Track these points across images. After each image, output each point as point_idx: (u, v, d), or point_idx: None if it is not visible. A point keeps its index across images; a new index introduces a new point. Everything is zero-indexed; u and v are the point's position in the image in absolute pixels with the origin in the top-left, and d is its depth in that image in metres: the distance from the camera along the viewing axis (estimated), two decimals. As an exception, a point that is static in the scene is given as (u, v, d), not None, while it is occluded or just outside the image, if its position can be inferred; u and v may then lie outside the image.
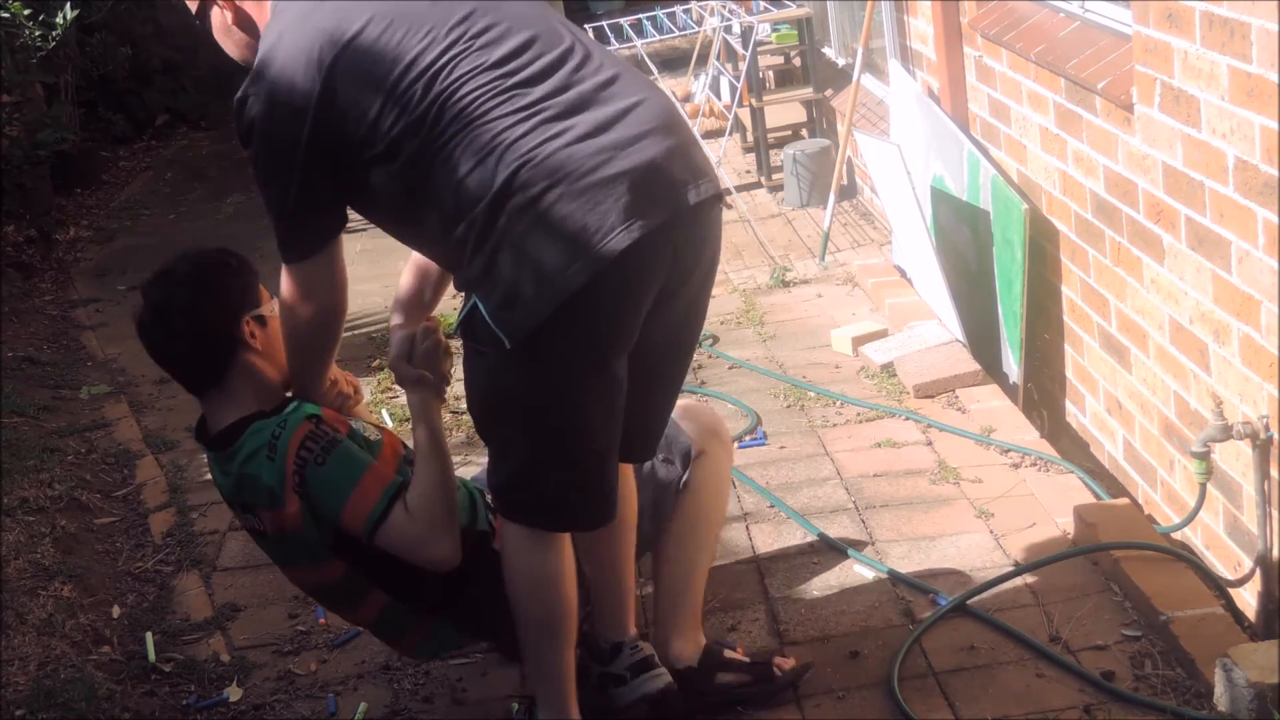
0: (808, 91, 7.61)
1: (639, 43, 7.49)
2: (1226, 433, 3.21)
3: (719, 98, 8.49)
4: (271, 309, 2.82)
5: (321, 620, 3.54)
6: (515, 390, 2.55)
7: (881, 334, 5.01)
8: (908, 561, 3.52)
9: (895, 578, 3.44)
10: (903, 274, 5.60)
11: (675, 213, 2.50)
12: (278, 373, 2.84)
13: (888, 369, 4.74)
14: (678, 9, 7.67)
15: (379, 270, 6.23)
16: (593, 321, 2.49)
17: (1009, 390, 4.61)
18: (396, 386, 3.01)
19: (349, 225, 2.68)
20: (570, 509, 2.66)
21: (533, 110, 2.47)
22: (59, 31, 7.25)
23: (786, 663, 3.05)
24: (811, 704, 2.99)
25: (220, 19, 2.73)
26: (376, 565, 2.79)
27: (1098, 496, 3.80)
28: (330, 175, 2.55)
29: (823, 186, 6.75)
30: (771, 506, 3.88)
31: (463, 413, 4.71)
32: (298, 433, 2.69)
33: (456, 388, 2.98)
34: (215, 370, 2.78)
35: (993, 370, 4.72)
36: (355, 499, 2.67)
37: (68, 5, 7.27)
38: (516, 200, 2.42)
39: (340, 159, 2.53)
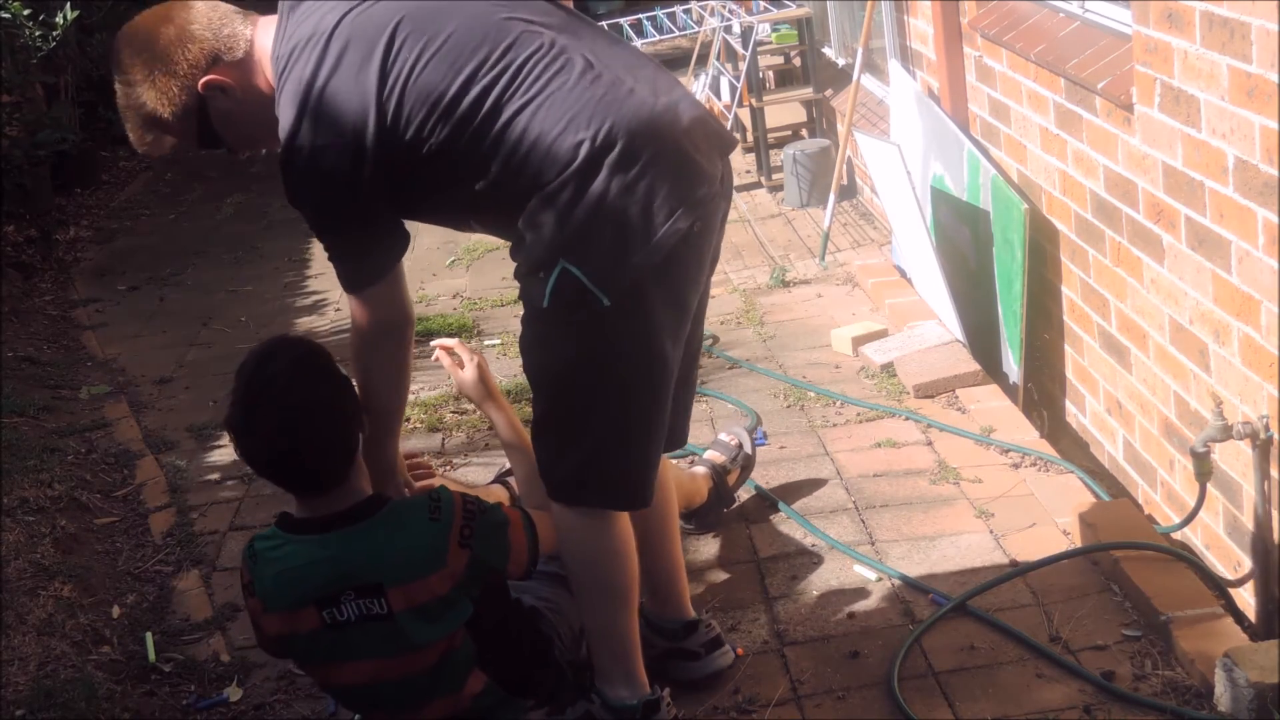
0: (808, 91, 7.62)
1: (639, 43, 7.48)
2: (1226, 433, 3.21)
3: (719, 98, 8.49)
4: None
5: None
6: (608, 355, 2.57)
7: (881, 334, 5.01)
8: (908, 561, 3.52)
9: (895, 578, 3.44)
10: (903, 274, 5.59)
11: (715, 190, 2.63)
12: None
13: (888, 369, 4.73)
14: (678, 9, 7.67)
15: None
16: (683, 272, 2.59)
17: (1009, 390, 4.61)
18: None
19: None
20: (642, 486, 2.74)
21: (594, 74, 2.51)
22: (59, 31, 7.24)
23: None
24: (811, 704, 2.99)
25: (224, 104, 2.59)
26: (492, 631, 2.76)
27: (1098, 496, 3.79)
28: (387, 193, 2.53)
29: (823, 186, 6.75)
30: (771, 506, 3.88)
31: (463, 413, 4.71)
32: (454, 493, 2.69)
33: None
34: (351, 458, 2.67)
35: (993, 370, 4.72)
36: (513, 534, 2.71)
37: (68, 5, 7.27)
38: (613, 156, 2.45)
39: (397, 169, 2.51)
